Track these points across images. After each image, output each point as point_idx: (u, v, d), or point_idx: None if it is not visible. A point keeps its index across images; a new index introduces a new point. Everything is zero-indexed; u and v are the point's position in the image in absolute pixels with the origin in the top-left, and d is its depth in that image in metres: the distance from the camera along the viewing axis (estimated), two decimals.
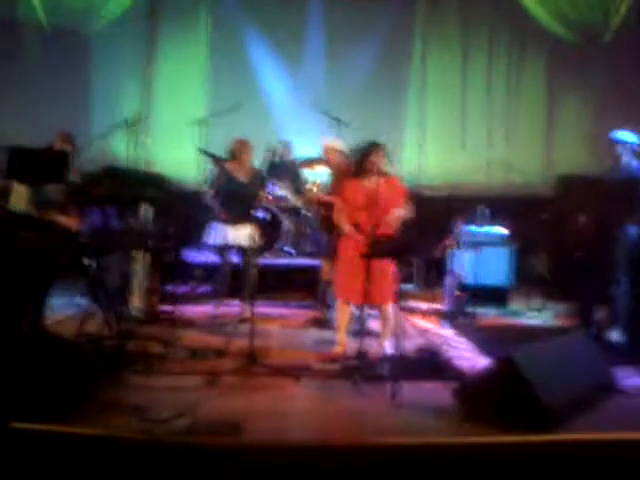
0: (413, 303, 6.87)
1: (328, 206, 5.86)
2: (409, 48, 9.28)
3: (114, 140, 7.71)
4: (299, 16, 9.08)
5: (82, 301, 5.16)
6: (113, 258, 5.35)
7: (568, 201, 6.01)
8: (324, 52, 9.09)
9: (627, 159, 5.55)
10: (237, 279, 6.18)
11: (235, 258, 6.30)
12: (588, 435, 3.55)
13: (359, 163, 5.04)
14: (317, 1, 9.13)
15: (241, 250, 6.21)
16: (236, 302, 6.17)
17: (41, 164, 4.85)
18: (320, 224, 6.11)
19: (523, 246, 7.30)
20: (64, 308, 5.68)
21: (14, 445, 3.20)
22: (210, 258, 6.90)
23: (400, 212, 4.95)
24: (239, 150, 6.21)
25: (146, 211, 5.72)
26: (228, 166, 6.30)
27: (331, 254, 5.66)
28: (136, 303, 5.71)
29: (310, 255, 7.33)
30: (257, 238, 6.07)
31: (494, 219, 7.26)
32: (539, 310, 6.74)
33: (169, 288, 6.19)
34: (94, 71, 8.98)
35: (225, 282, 6.27)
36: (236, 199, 6.13)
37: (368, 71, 9.01)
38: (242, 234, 6.09)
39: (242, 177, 6.23)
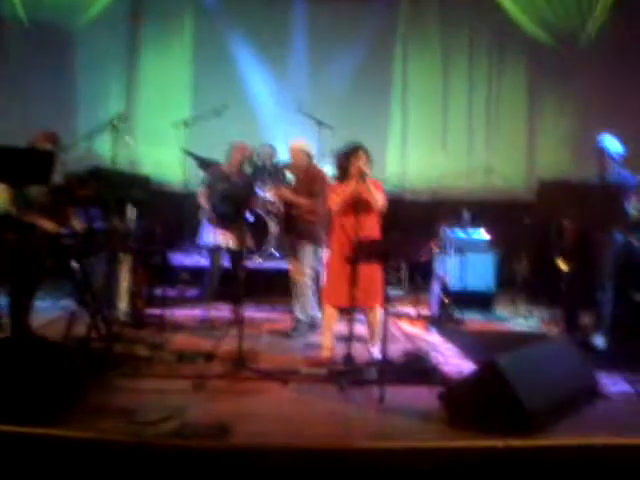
0: (399, 308, 6.92)
1: (289, 205, 5.90)
2: (391, 52, 9.31)
3: (98, 140, 7.66)
4: (283, 19, 9.06)
5: (68, 303, 5.13)
6: (98, 260, 5.32)
7: (551, 206, 6.05)
8: (308, 56, 9.08)
9: (611, 166, 5.61)
10: (226, 282, 6.18)
11: (225, 261, 6.31)
12: (571, 440, 3.59)
13: (342, 166, 5.06)
14: (301, 5, 9.13)
15: (231, 253, 6.23)
16: (224, 306, 6.18)
17: (25, 165, 4.79)
18: (281, 223, 6.12)
19: (506, 251, 7.37)
20: (50, 311, 5.65)
21: (1, 449, 3.18)
22: (197, 261, 6.89)
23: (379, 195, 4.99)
24: (238, 153, 6.23)
25: (131, 212, 5.71)
26: (224, 168, 6.31)
27: (294, 253, 5.70)
28: (122, 306, 5.68)
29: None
30: (248, 241, 6.10)
31: (476, 223, 7.32)
32: (525, 316, 6.80)
33: (156, 291, 6.16)
34: (77, 71, 8.89)
35: (214, 285, 6.27)
36: (231, 200, 6.14)
37: (351, 75, 9.01)
38: (233, 237, 6.12)
39: (236, 179, 6.26)
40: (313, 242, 5.79)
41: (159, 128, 8.61)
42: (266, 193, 7.43)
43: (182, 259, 7.17)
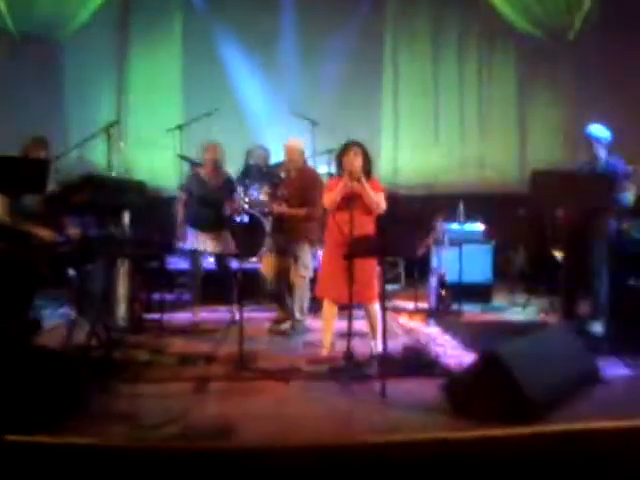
0: (398, 302, 6.94)
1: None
2: (381, 48, 9.35)
3: (90, 147, 7.66)
4: (272, 20, 9.07)
5: (66, 311, 5.12)
6: (95, 267, 5.32)
7: (544, 195, 6.08)
8: (298, 55, 9.10)
9: (602, 154, 5.66)
10: (221, 285, 6.19)
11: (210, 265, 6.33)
12: (574, 426, 3.60)
13: (337, 163, 5.09)
14: (289, 5, 9.15)
15: (215, 256, 6.25)
16: (222, 308, 6.19)
17: (20, 174, 4.78)
18: (274, 222, 6.11)
19: (502, 242, 7.39)
20: (49, 319, 5.64)
21: (6, 458, 3.18)
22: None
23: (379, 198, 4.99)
24: (210, 154, 6.24)
25: (127, 218, 5.71)
26: (199, 171, 6.32)
27: (290, 253, 5.73)
28: (120, 312, 5.68)
29: None
30: (230, 244, 6.11)
31: (471, 216, 7.35)
32: (523, 306, 6.82)
33: (154, 296, 6.17)
34: (67, 78, 8.92)
35: (198, 289, 6.28)
36: (207, 204, 6.16)
37: (342, 72, 9.03)
38: (214, 240, 6.13)
39: (213, 182, 6.26)
40: (310, 241, 5.80)
41: (150, 133, 8.62)
42: (261, 195, 7.43)
43: (179, 263, 7.16)
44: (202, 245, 6.17)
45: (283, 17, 9.14)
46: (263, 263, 6.06)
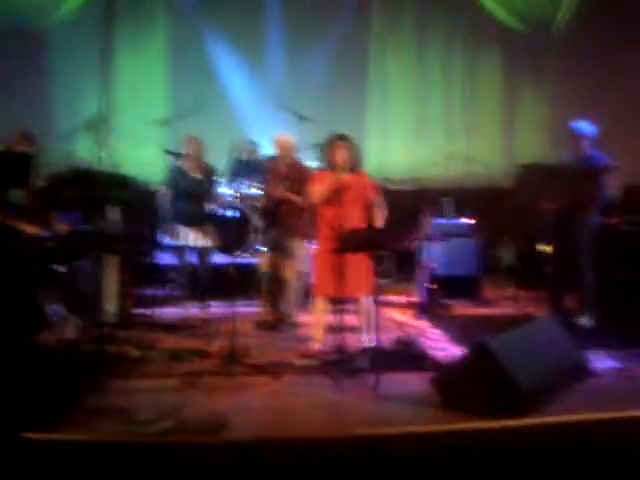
0: (388, 296, 6.96)
1: (277, 201, 5.87)
2: (367, 42, 9.37)
3: (77, 142, 7.62)
4: (258, 14, 9.06)
5: (56, 308, 5.09)
6: (84, 262, 5.30)
7: (530, 189, 6.14)
8: (284, 50, 9.10)
9: (587, 149, 5.71)
10: (212, 279, 6.20)
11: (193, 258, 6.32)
12: (564, 418, 3.65)
13: (323, 156, 5.06)
14: (275, 1, 9.13)
15: (198, 250, 6.26)
16: (215, 303, 6.19)
17: (2, 167, 4.73)
18: (267, 218, 6.11)
19: (490, 236, 7.44)
20: None
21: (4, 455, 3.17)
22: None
23: (378, 202, 4.99)
24: (189, 147, 6.22)
25: (116, 213, 5.68)
26: (181, 164, 6.31)
27: (283, 249, 5.73)
28: (110, 307, 5.66)
29: None
30: (214, 238, 6.10)
31: (459, 210, 7.39)
32: (511, 300, 6.86)
33: (144, 291, 6.15)
34: (52, 72, 8.85)
35: (185, 284, 6.27)
36: (191, 197, 6.14)
37: (328, 67, 9.06)
38: (199, 234, 6.13)
39: (196, 175, 6.25)
40: (304, 237, 5.81)
41: (136, 127, 8.55)
42: (249, 188, 7.42)
43: (170, 258, 7.15)
44: (187, 239, 6.15)
45: (269, 13, 9.12)
46: (262, 260, 6.06)
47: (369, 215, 4.98)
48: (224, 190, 7.25)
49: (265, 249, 6.03)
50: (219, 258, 6.54)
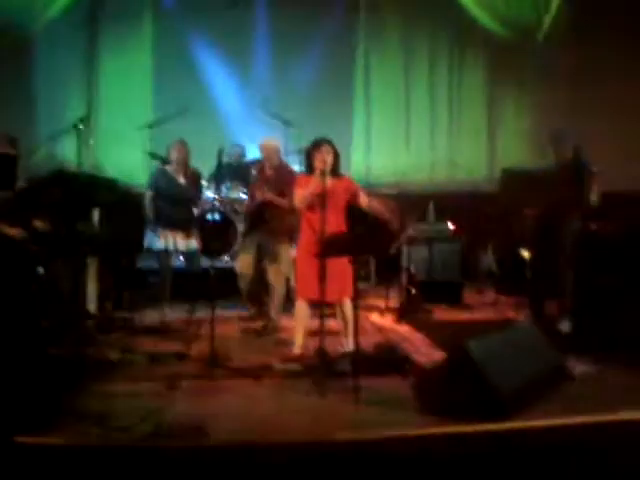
0: (369, 301, 6.98)
1: (261, 205, 5.87)
2: (353, 49, 9.40)
3: (60, 144, 7.57)
4: (245, 19, 9.06)
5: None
6: (65, 264, 5.26)
7: (512, 194, 6.17)
8: (270, 55, 9.10)
9: (569, 155, 5.76)
10: (192, 283, 6.18)
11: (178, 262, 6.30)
12: (543, 421, 3.67)
13: (307, 161, 5.06)
14: (263, 5, 9.14)
15: (183, 254, 6.23)
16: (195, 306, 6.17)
17: None
18: (250, 221, 6.11)
19: (471, 241, 7.48)
20: None
21: None
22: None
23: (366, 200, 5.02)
24: (177, 152, 6.21)
25: (97, 215, 5.66)
26: (167, 168, 6.30)
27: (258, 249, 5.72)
28: (90, 310, 5.63)
29: None
30: (197, 242, 6.10)
31: (441, 215, 7.42)
32: (491, 305, 6.91)
33: (125, 294, 6.12)
34: (36, 74, 8.79)
35: (166, 287, 6.26)
36: (176, 202, 6.13)
37: (314, 73, 9.06)
38: (184, 238, 6.11)
39: (182, 179, 6.25)
40: (289, 240, 5.81)
41: (121, 130, 8.54)
42: (234, 193, 7.41)
43: (150, 261, 7.12)
44: (172, 243, 6.14)
45: (256, 15, 9.12)
46: (239, 261, 6.05)
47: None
48: (209, 194, 7.22)
49: (242, 250, 6.01)
50: (203, 262, 6.53)
